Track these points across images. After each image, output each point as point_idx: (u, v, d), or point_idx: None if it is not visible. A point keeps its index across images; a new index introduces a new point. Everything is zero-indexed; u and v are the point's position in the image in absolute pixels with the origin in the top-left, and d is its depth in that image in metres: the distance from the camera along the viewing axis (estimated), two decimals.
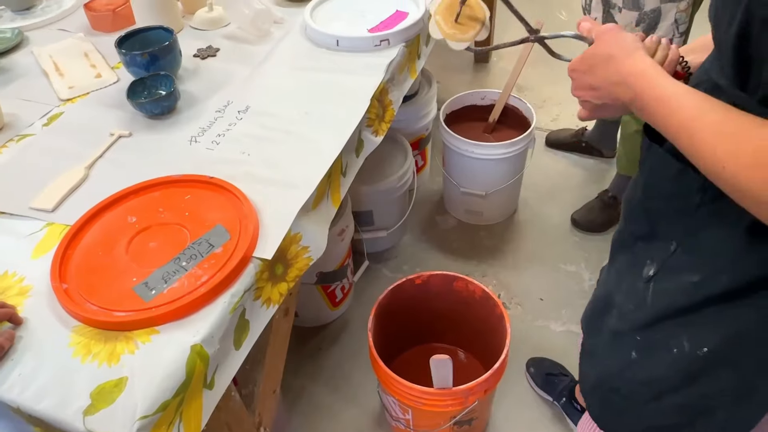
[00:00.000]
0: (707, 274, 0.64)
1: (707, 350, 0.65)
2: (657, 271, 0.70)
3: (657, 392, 0.71)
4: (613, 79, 0.64)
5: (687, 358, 0.67)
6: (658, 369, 0.70)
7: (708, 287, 0.64)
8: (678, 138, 0.57)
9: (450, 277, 1.34)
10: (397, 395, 1.16)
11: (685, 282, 0.66)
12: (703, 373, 0.66)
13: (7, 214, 0.90)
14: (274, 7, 1.38)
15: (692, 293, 0.65)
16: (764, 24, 0.51)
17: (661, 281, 0.70)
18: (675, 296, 0.68)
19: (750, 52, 0.54)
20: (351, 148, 1.05)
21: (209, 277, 0.76)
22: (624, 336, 0.75)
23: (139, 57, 1.09)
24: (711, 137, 0.53)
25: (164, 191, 0.91)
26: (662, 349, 0.69)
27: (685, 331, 0.67)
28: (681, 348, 0.67)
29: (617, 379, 0.76)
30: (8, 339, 0.71)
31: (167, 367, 0.68)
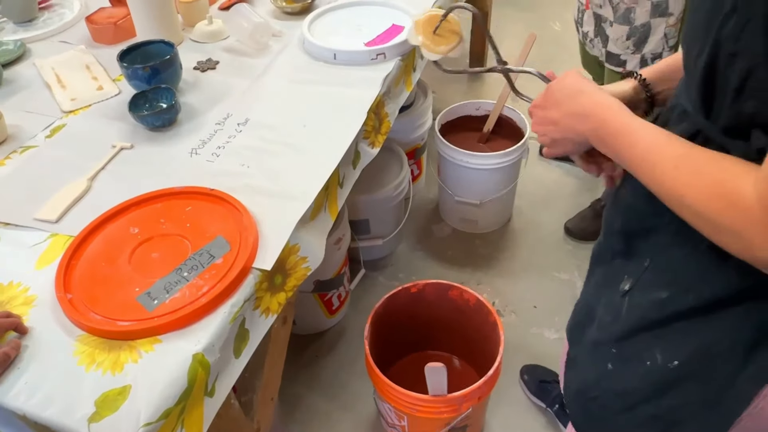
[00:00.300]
0: (675, 292, 0.66)
1: (678, 363, 0.67)
2: (632, 286, 0.72)
3: (631, 403, 0.73)
4: (576, 111, 0.67)
5: (659, 370, 0.69)
6: (632, 380, 0.72)
7: (676, 304, 0.66)
8: (640, 168, 0.59)
9: (445, 286, 1.36)
10: (393, 402, 1.18)
11: (655, 298, 0.69)
12: (674, 385, 0.68)
13: (11, 225, 0.92)
14: (272, 21, 1.41)
15: (662, 309, 0.68)
16: (731, 58, 0.52)
17: (635, 296, 0.72)
18: (647, 311, 0.70)
19: (716, 83, 0.56)
20: (348, 160, 1.08)
21: (210, 287, 0.78)
22: (602, 347, 0.77)
23: (141, 71, 1.11)
24: (672, 169, 0.55)
25: (166, 203, 0.93)
26: (636, 361, 0.71)
27: (658, 345, 0.69)
28: (654, 360, 0.69)
29: (595, 388, 0.78)
30: (14, 348, 0.73)
31: (170, 375, 0.70)
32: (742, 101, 0.53)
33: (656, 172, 0.57)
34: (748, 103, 0.53)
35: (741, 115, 0.54)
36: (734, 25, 0.51)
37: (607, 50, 1.54)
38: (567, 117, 0.68)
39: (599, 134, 0.64)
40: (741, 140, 0.55)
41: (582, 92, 0.67)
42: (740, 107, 0.54)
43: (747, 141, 0.54)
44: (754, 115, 0.53)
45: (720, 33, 0.52)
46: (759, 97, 0.52)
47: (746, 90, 0.52)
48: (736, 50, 0.52)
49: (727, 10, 0.51)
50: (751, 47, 0.50)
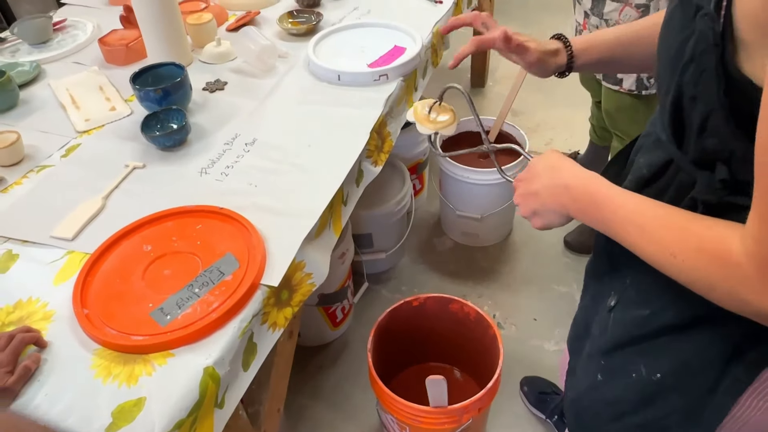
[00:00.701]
0: (655, 309, 0.70)
1: (660, 376, 0.70)
2: (616, 302, 0.76)
3: (619, 412, 0.76)
4: (556, 183, 0.70)
5: (643, 382, 0.72)
6: (619, 391, 0.76)
7: (656, 320, 0.70)
8: (625, 232, 0.62)
9: (446, 300, 1.40)
10: (395, 413, 1.21)
11: (637, 315, 0.72)
12: (658, 397, 0.72)
13: (29, 243, 0.96)
14: (278, 42, 1.46)
15: (643, 325, 0.71)
16: (692, 101, 0.56)
17: (619, 312, 0.76)
18: (629, 327, 0.74)
19: (683, 120, 0.60)
20: (352, 178, 1.12)
21: (220, 303, 0.82)
22: (593, 359, 0.81)
23: (153, 93, 1.16)
24: (659, 228, 0.58)
25: (177, 221, 0.97)
26: (622, 373, 0.75)
27: (642, 358, 0.72)
28: (639, 373, 0.73)
29: (587, 398, 0.82)
30: (34, 361, 0.76)
31: (182, 387, 0.74)
32: (704, 139, 0.57)
33: (645, 234, 0.60)
34: (709, 140, 0.57)
35: (706, 150, 0.58)
36: (692, 73, 0.55)
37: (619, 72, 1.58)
38: (547, 188, 0.71)
39: (580, 205, 0.67)
40: (707, 171, 0.59)
41: (562, 167, 0.70)
42: (703, 143, 0.58)
43: (713, 172, 0.58)
44: (716, 150, 0.57)
45: (681, 79, 0.57)
46: (718, 136, 0.56)
47: (707, 129, 0.56)
48: (695, 94, 0.56)
49: (687, 59, 0.55)
50: (707, 93, 0.54)
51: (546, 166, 0.72)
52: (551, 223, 0.73)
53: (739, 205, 0.55)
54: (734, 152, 0.55)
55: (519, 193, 0.76)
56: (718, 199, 0.59)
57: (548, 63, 0.88)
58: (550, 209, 0.71)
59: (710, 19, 0.52)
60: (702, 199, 0.60)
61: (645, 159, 0.71)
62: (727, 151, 0.56)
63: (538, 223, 0.74)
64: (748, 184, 0.52)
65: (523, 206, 0.75)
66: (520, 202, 0.76)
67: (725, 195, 0.58)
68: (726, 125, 0.54)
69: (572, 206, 0.69)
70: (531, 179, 0.74)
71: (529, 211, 0.74)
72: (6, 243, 0.96)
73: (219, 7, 1.60)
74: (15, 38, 1.53)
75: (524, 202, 0.75)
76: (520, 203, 0.76)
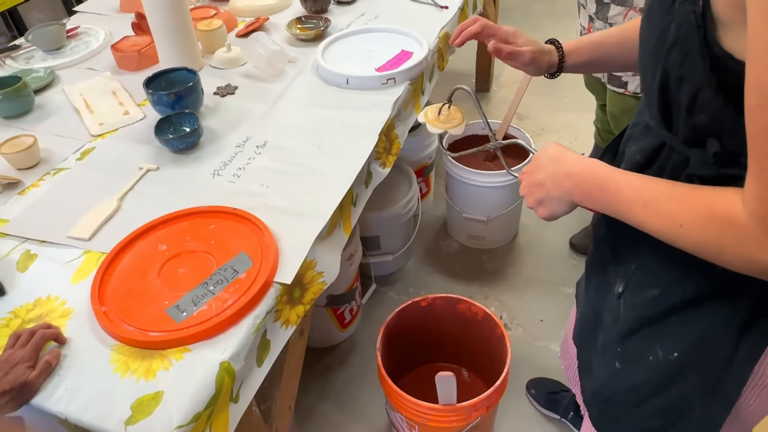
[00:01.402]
0: (665, 289, 0.72)
1: (677, 355, 0.72)
2: (624, 288, 0.79)
3: (641, 397, 0.78)
4: (559, 172, 0.73)
5: (661, 363, 0.74)
6: (639, 376, 0.78)
7: (667, 299, 0.72)
8: (631, 210, 0.64)
9: (453, 300, 1.41)
10: (405, 412, 1.23)
11: (648, 296, 0.74)
12: (677, 376, 0.74)
13: (47, 243, 0.98)
14: (287, 48, 1.48)
15: (655, 306, 0.74)
16: (679, 81, 0.60)
17: (629, 296, 0.78)
18: (641, 309, 0.76)
19: (671, 102, 0.63)
20: (361, 180, 1.14)
21: (235, 300, 0.84)
22: (609, 348, 0.82)
23: (166, 97, 1.18)
24: (665, 202, 0.61)
25: (191, 221, 0.99)
26: (640, 358, 0.77)
27: (657, 340, 0.74)
28: (656, 355, 0.75)
29: (607, 388, 0.83)
30: (55, 357, 0.79)
31: (199, 382, 0.75)
32: (694, 116, 0.61)
33: (650, 209, 0.62)
34: (699, 117, 0.60)
35: (696, 127, 0.62)
36: (677, 55, 0.59)
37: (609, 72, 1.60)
38: (552, 177, 0.74)
39: (584, 189, 0.70)
40: (699, 148, 0.62)
41: (564, 156, 0.74)
42: (693, 121, 0.61)
43: (704, 148, 0.61)
44: (706, 126, 0.60)
45: (667, 61, 0.60)
46: (707, 111, 0.59)
47: (696, 106, 0.60)
48: (681, 75, 0.59)
49: (670, 44, 0.59)
50: (694, 73, 0.58)
51: (549, 157, 0.75)
52: (556, 212, 0.75)
53: (733, 175, 0.58)
54: (724, 125, 0.58)
55: (524, 185, 0.79)
56: (713, 172, 0.62)
57: (541, 61, 0.94)
58: (554, 197, 0.74)
59: (690, 3, 0.56)
60: (698, 175, 0.63)
61: (637, 146, 0.73)
62: (717, 125, 0.59)
63: (544, 213, 0.77)
64: (739, 155, 0.56)
65: (529, 197, 0.78)
66: (526, 193, 0.78)
67: (719, 168, 0.61)
68: (715, 100, 0.57)
69: (576, 192, 0.71)
70: (535, 171, 0.77)
71: (534, 201, 0.77)
72: (24, 243, 0.98)
73: (229, 14, 1.63)
74: (29, 45, 1.56)
75: (530, 192, 0.78)
76: (526, 194, 0.79)
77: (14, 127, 1.27)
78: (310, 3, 1.61)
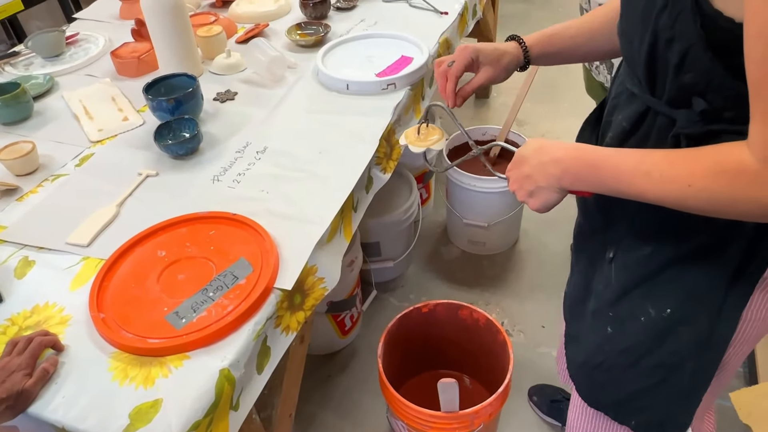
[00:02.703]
0: (656, 246, 0.75)
1: (669, 311, 0.75)
2: (615, 253, 0.81)
3: (634, 358, 0.80)
4: (544, 160, 0.73)
5: (654, 322, 0.76)
6: (632, 337, 0.80)
7: (659, 256, 0.74)
8: (632, 184, 0.65)
9: (455, 306, 1.40)
10: (407, 419, 1.21)
11: (639, 255, 0.76)
12: (669, 332, 0.76)
13: (45, 249, 0.97)
14: (287, 54, 1.48)
15: (646, 263, 0.76)
16: (669, 42, 0.62)
17: (620, 259, 0.80)
18: (633, 269, 0.78)
19: (658, 64, 0.65)
20: (361, 185, 1.13)
21: (234, 306, 0.83)
22: (600, 314, 0.85)
23: (165, 102, 1.18)
24: (669, 167, 0.61)
25: (190, 227, 0.98)
26: (632, 319, 0.79)
27: (648, 300, 0.77)
28: (647, 315, 0.77)
29: (599, 354, 0.85)
30: (52, 364, 0.78)
31: (198, 389, 0.74)
32: (682, 75, 0.63)
33: (654, 176, 0.63)
34: (687, 75, 0.62)
35: (682, 87, 0.64)
36: (667, 17, 0.61)
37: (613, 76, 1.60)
38: (537, 167, 0.74)
39: (573, 172, 0.71)
40: (684, 108, 0.65)
41: (546, 145, 0.74)
42: (681, 80, 0.63)
43: (689, 108, 0.64)
44: (693, 84, 0.63)
45: (656, 24, 0.63)
46: (696, 69, 0.61)
47: (685, 65, 0.62)
48: (672, 35, 0.61)
49: (659, 8, 0.62)
50: (685, 32, 0.60)
51: (531, 149, 0.76)
52: (548, 201, 0.75)
53: (718, 131, 0.63)
54: (711, 82, 0.61)
55: (512, 180, 0.79)
56: (699, 129, 0.64)
57: (502, 62, 0.94)
58: (543, 187, 0.74)
59: None
60: (685, 134, 0.65)
61: (623, 114, 0.75)
62: (704, 82, 0.61)
63: (536, 204, 0.76)
64: (723, 110, 0.61)
65: (519, 191, 0.78)
66: (516, 188, 0.78)
67: (704, 125, 0.64)
68: (704, 57, 0.59)
69: (565, 177, 0.71)
70: (520, 164, 0.77)
71: (524, 194, 0.77)
72: (22, 250, 0.98)
73: (228, 20, 1.63)
74: (29, 52, 1.56)
75: (519, 186, 0.78)
76: (516, 189, 0.78)
77: (13, 134, 1.26)
78: (309, 9, 1.62)
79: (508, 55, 0.94)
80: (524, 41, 0.96)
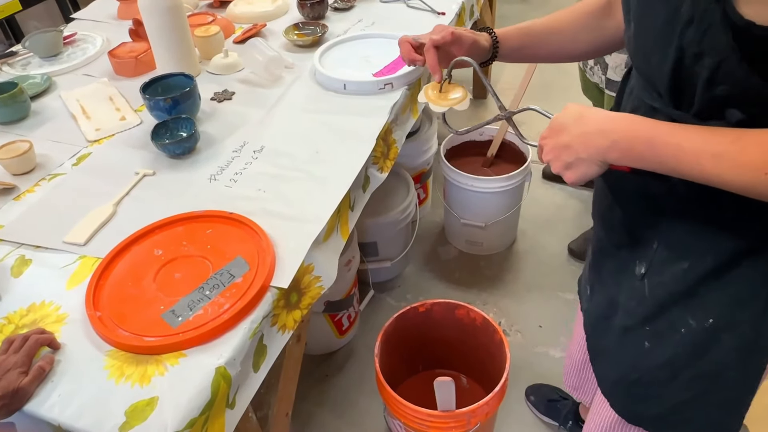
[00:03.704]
0: (693, 260, 0.71)
1: (712, 321, 0.72)
2: (647, 268, 0.77)
3: (674, 371, 0.77)
4: (587, 130, 0.68)
5: (695, 333, 0.74)
6: (670, 350, 0.77)
7: (697, 269, 0.71)
8: (697, 163, 0.60)
9: (452, 305, 1.40)
10: (404, 419, 1.21)
11: (676, 270, 0.73)
12: (711, 342, 0.73)
13: (42, 248, 0.97)
14: (285, 54, 1.48)
15: (684, 278, 0.72)
16: (697, 57, 0.59)
17: (654, 276, 0.76)
18: (670, 285, 0.74)
19: (684, 79, 0.62)
20: (358, 184, 1.13)
21: (231, 304, 0.83)
22: (633, 331, 0.81)
23: (162, 102, 1.18)
24: (740, 152, 0.58)
25: (187, 226, 0.98)
26: (672, 332, 0.76)
27: (688, 312, 0.74)
28: (688, 327, 0.73)
29: (635, 370, 0.82)
30: (48, 362, 0.78)
31: (194, 387, 0.74)
32: (713, 88, 0.60)
33: (724, 159, 0.59)
34: (720, 88, 0.59)
35: (714, 99, 0.61)
36: (695, 32, 0.58)
37: (607, 77, 1.60)
38: (579, 137, 0.68)
39: (624, 145, 0.65)
40: (715, 120, 0.62)
41: (589, 114, 0.69)
42: (712, 93, 0.60)
43: (722, 120, 0.61)
44: (727, 97, 0.60)
45: (681, 40, 0.60)
46: (729, 82, 0.58)
47: (717, 79, 0.59)
48: (701, 50, 0.59)
49: (684, 22, 0.59)
50: (716, 46, 0.57)
51: (571, 116, 0.70)
52: (587, 173, 0.69)
53: None
54: (747, 93, 0.58)
55: (548, 149, 0.73)
56: None
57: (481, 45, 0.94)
58: (584, 158, 0.68)
59: None
60: None
61: None
62: (739, 94, 0.59)
63: (573, 177, 0.71)
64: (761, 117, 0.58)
65: (555, 161, 0.72)
66: (551, 158, 0.72)
67: None
68: (739, 69, 0.57)
69: (613, 149, 0.66)
70: (558, 133, 0.71)
71: (561, 166, 0.71)
72: (19, 249, 0.98)
73: (226, 20, 1.63)
74: (26, 52, 1.56)
75: (555, 156, 0.72)
76: (551, 159, 0.72)
77: (10, 133, 1.26)
78: (307, 9, 1.62)
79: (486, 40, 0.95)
80: (495, 34, 0.96)
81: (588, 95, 1.89)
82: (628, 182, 0.73)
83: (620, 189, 0.80)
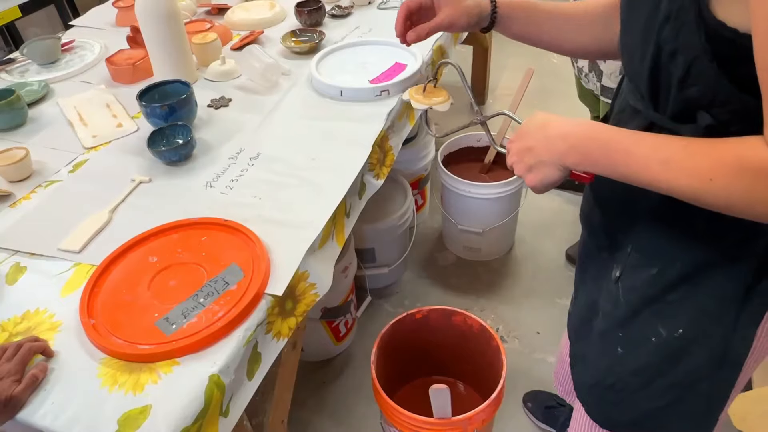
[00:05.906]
0: (663, 266, 0.72)
1: (681, 331, 0.73)
2: (622, 272, 0.78)
3: (647, 379, 0.78)
4: (550, 135, 0.69)
5: (666, 343, 0.74)
6: (643, 358, 0.77)
7: (666, 275, 0.72)
8: (646, 168, 0.61)
9: (449, 312, 1.40)
10: (400, 426, 1.21)
11: (645, 276, 0.74)
12: (682, 353, 0.74)
13: (37, 256, 0.97)
14: (281, 60, 1.48)
15: (653, 284, 0.74)
16: (672, 55, 0.60)
17: (627, 279, 0.78)
18: (641, 290, 0.76)
19: (661, 78, 0.63)
20: (354, 191, 1.13)
21: (225, 312, 0.83)
22: (609, 335, 0.82)
23: (159, 109, 1.18)
24: (688, 158, 0.58)
25: (182, 233, 0.98)
26: (643, 340, 0.76)
27: (659, 320, 0.74)
28: (659, 335, 0.74)
29: (609, 375, 0.83)
30: (41, 370, 0.77)
31: (187, 395, 0.74)
32: (686, 88, 0.61)
33: (672, 166, 0.59)
34: (692, 89, 0.60)
35: (687, 101, 0.62)
36: (671, 29, 0.60)
37: (602, 84, 1.61)
38: (542, 141, 0.70)
39: (581, 150, 0.67)
40: (689, 123, 0.62)
41: (553, 120, 0.70)
42: (685, 94, 0.61)
43: (694, 123, 0.62)
44: (698, 98, 0.61)
45: (659, 37, 0.61)
46: (701, 82, 0.59)
47: (690, 78, 0.60)
48: (675, 48, 0.60)
49: (661, 19, 0.60)
50: (689, 44, 0.58)
51: (537, 123, 0.72)
52: (547, 177, 0.71)
53: None
54: (717, 95, 0.59)
55: (513, 152, 0.75)
56: None
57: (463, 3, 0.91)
58: (546, 162, 0.70)
59: None
60: None
61: None
62: (710, 96, 0.60)
63: (533, 180, 0.72)
64: (729, 124, 0.59)
65: (518, 164, 0.74)
66: (515, 161, 0.74)
67: None
68: (709, 68, 0.58)
69: (571, 154, 0.67)
70: (523, 137, 0.73)
71: (523, 168, 0.73)
72: (14, 256, 0.97)
73: (224, 27, 1.64)
74: (24, 59, 1.56)
75: (519, 159, 0.73)
76: (515, 162, 0.74)
77: (7, 140, 1.27)
78: (304, 16, 1.62)
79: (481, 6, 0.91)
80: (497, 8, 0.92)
81: (584, 102, 1.89)
82: (607, 185, 0.73)
83: (600, 191, 0.82)
